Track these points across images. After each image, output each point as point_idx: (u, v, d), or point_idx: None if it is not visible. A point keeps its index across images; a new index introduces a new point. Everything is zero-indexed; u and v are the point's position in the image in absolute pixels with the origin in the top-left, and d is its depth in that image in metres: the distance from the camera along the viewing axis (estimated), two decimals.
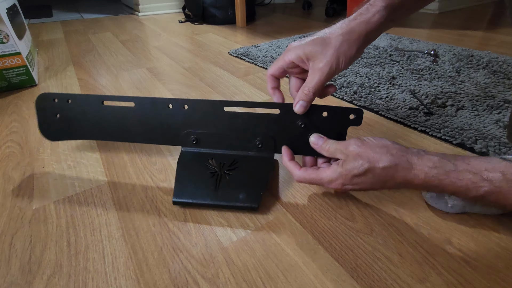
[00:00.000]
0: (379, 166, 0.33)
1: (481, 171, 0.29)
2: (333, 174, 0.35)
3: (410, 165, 0.32)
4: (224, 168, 0.42)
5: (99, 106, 0.43)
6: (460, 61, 0.87)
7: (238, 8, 1.41)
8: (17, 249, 0.35)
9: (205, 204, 0.39)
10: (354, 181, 0.34)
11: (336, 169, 0.35)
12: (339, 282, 0.31)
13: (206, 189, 0.40)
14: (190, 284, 0.31)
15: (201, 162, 0.42)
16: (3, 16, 0.70)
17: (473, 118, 0.58)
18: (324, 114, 0.40)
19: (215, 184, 0.40)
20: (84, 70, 0.91)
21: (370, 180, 0.34)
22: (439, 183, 0.31)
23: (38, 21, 1.61)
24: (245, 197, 0.39)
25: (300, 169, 0.38)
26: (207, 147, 0.43)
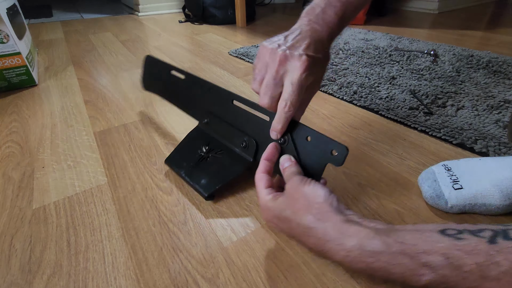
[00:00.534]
0: (296, 221, 0.28)
1: (419, 254, 0.22)
2: (263, 202, 0.31)
3: (327, 237, 0.25)
4: (211, 153, 0.45)
5: (170, 75, 0.53)
6: (460, 61, 0.87)
7: (238, 8, 1.41)
8: (17, 249, 0.35)
9: (179, 174, 0.45)
10: (274, 221, 0.31)
11: (268, 199, 0.31)
12: (339, 282, 0.31)
13: (188, 164, 0.45)
14: (190, 284, 0.31)
15: (200, 142, 0.47)
16: (3, 16, 0.70)
17: (473, 118, 0.58)
18: (308, 138, 0.34)
19: (196, 163, 0.45)
20: (84, 70, 0.91)
21: (286, 229, 0.30)
22: (367, 267, 0.24)
23: (38, 21, 1.61)
24: (204, 183, 0.42)
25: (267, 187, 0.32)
26: (212, 130, 0.47)
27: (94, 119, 0.63)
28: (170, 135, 0.57)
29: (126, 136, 0.57)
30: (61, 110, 0.67)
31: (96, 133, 0.58)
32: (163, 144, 0.54)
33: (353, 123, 0.60)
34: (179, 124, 0.60)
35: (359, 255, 0.24)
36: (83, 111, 0.66)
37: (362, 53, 0.98)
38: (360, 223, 0.26)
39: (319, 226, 0.26)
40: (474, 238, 0.21)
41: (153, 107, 0.67)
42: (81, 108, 0.68)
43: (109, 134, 0.57)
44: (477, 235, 0.21)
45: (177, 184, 0.44)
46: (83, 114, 0.65)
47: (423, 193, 0.40)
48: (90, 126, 0.60)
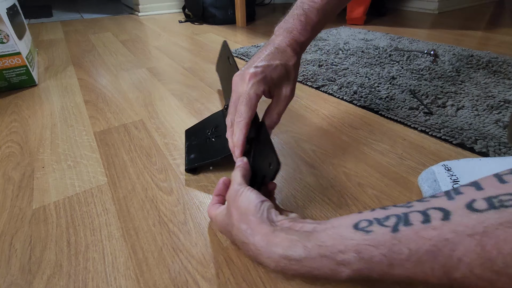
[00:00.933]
0: (234, 234, 0.30)
1: (335, 254, 0.24)
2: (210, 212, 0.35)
3: (257, 250, 0.27)
4: (214, 134, 0.50)
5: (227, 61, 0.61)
6: (460, 61, 0.87)
7: (238, 8, 1.41)
8: (17, 249, 0.35)
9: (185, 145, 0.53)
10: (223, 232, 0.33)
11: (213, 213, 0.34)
12: (339, 282, 0.31)
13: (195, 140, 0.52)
14: (190, 284, 0.31)
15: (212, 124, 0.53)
16: (3, 16, 0.70)
17: (473, 118, 0.58)
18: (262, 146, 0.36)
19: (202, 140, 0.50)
20: (84, 70, 0.91)
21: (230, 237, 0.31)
22: (296, 272, 0.26)
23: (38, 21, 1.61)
24: (191, 158, 0.48)
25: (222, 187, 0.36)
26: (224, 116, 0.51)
27: (94, 119, 0.63)
28: (170, 135, 0.57)
29: (126, 136, 0.57)
30: (61, 110, 0.67)
31: (96, 133, 0.58)
32: (163, 144, 0.54)
33: (353, 123, 0.60)
34: (179, 124, 0.60)
35: (287, 263, 0.25)
36: (83, 111, 0.66)
37: (362, 53, 0.98)
38: (287, 230, 0.27)
39: (250, 241, 0.27)
40: (381, 229, 0.23)
41: (153, 107, 0.67)
42: (81, 108, 0.68)
43: (109, 134, 0.57)
44: (383, 225, 0.23)
45: (177, 184, 0.44)
46: (83, 114, 0.65)
47: (423, 193, 0.40)
48: (90, 126, 0.60)
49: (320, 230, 0.26)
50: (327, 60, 0.91)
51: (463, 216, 0.21)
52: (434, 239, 0.21)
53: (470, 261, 0.20)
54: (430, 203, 0.23)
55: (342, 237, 0.24)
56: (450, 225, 0.21)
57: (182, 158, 0.50)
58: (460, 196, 0.22)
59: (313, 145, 0.53)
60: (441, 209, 0.22)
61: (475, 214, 0.20)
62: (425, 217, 0.22)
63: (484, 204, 0.20)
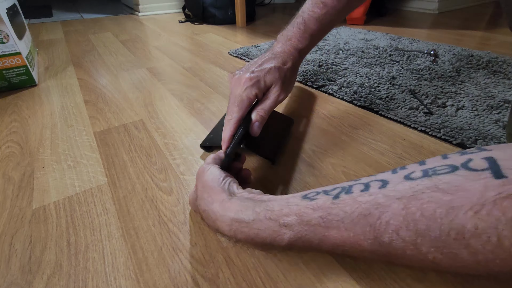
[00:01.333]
0: (199, 206, 0.33)
1: (280, 217, 0.26)
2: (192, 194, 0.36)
3: (215, 215, 0.30)
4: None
5: None
6: (460, 61, 0.87)
7: (238, 8, 1.41)
8: (17, 249, 0.35)
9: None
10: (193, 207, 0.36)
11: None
12: (339, 282, 0.31)
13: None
14: (190, 284, 0.31)
15: None
16: (3, 16, 0.70)
17: (473, 118, 0.58)
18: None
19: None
20: (84, 70, 0.91)
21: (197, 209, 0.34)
22: (246, 236, 0.28)
23: (38, 21, 1.61)
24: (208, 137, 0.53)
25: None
26: None
27: (94, 119, 0.63)
28: (170, 135, 0.57)
29: (126, 136, 0.57)
30: (61, 110, 0.67)
31: (96, 133, 0.58)
32: (163, 144, 0.54)
33: (353, 123, 0.60)
34: (179, 124, 0.60)
35: (238, 226, 0.28)
36: (83, 111, 0.66)
37: (362, 53, 0.98)
38: (242, 199, 0.30)
39: (209, 207, 0.30)
40: (324, 197, 0.25)
41: (153, 107, 0.67)
42: (81, 108, 0.68)
43: (109, 134, 0.57)
44: (328, 194, 0.25)
45: (177, 184, 0.45)
46: (83, 114, 0.65)
47: None
48: (90, 126, 0.60)
49: (272, 199, 0.29)
50: (327, 60, 0.91)
51: (398, 184, 0.22)
52: (367, 203, 0.22)
53: (397, 224, 0.20)
54: (375, 177, 0.25)
55: (289, 203, 0.26)
56: (384, 191, 0.22)
57: (182, 158, 0.50)
58: (402, 170, 0.23)
59: (313, 145, 0.53)
60: (382, 180, 0.23)
61: (409, 181, 0.21)
62: (366, 187, 0.23)
63: (419, 174, 0.22)
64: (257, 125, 0.42)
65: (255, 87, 0.43)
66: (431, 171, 0.21)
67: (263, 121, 0.43)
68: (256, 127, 0.42)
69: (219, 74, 0.85)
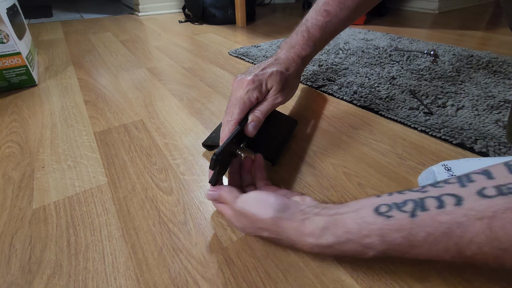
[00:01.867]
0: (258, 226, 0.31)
1: (361, 238, 0.27)
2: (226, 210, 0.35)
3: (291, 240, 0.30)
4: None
5: None
6: (460, 61, 0.87)
7: (238, 8, 1.41)
8: (17, 249, 0.35)
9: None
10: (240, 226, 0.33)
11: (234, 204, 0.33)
12: (339, 282, 0.31)
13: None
14: (190, 284, 0.31)
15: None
16: (3, 16, 0.70)
17: (473, 118, 0.58)
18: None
19: None
20: (84, 70, 0.91)
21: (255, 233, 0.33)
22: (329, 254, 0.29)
23: (38, 21, 1.61)
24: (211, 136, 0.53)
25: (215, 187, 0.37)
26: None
27: (94, 119, 0.63)
28: (170, 135, 0.57)
29: (126, 136, 0.57)
30: (61, 110, 0.67)
31: (96, 133, 0.58)
32: (163, 144, 0.54)
33: (353, 123, 0.60)
34: (179, 124, 0.60)
35: (320, 249, 0.29)
36: (83, 111, 0.66)
37: (362, 53, 0.98)
38: (313, 219, 0.29)
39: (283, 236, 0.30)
40: (400, 214, 0.25)
41: (153, 107, 0.67)
42: (81, 108, 0.68)
43: (109, 134, 0.57)
44: (402, 210, 0.26)
45: (177, 184, 0.45)
46: (83, 114, 0.65)
47: None
48: (90, 126, 0.60)
49: (343, 212, 0.29)
50: (327, 60, 0.91)
51: (474, 202, 0.23)
52: (448, 223, 0.23)
53: (480, 241, 0.22)
54: (444, 189, 0.25)
55: (366, 222, 0.27)
56: (462, 210, 0.23)
57: (182, 158, 0.50)
58: (472, 184, 0.24)
59: (313, 145, 0.53)
60: (454, 195, 0.24)
61: (485, 200, 0.23)
62: (440, 203, 0.24)
63: (493, 191, 0.23)
64: (252, 125, 0.41)
65: (256, 90, 0.43)
66: (506, 190, 0.22)
67: (259, 122, 0.42)
68: (251, 127, 0.41)
69: (219, 74, 0.85)
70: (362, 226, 0.27)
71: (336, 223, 0.28)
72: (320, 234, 0.28)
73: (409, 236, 0.25)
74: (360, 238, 0.27)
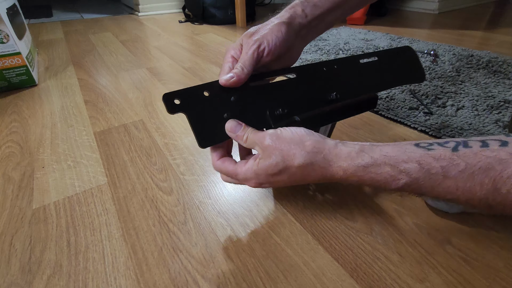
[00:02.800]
0: (294, 165, 0.30)
1: (399, 163, 0.27)
2: (247, 172, 0.32)
3: (327, 162, 0.30)
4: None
5: None
6: (460, 61, 0.87)
7: (238, 8, 1.41)
8: (17, 249, 0.35)
9: None
10: (269, 180, 0.32)
11: (251, 167, 0.32)
12: (339, 282, 0.31)
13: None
14: (190, 284, 0.31)
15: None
16: (3, 16, 0.70)
17: (473, 118, 0.58)
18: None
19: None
20: (84, 70, 0.91)
21: (286, 178, 0.32)
22: (359, 179, 0.29)
23: (38, 21, 1.61)
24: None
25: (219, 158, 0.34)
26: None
27: (94, 119, 0.63)
28: (170, 135, 0.57)
29: (126, 136, 0.57)
30: (61, 110, 0.67)
31: (96, 133, 0.58)
32: (163, 144, 0.54)
33: (353, 123, 0.60)
34: (179, 124, 0.60)
35: (354, 171, 0.29)
36: (83, 111, 0.66)
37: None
38: (346, 144, 0.31)
39: (318, 158, 0.30)
40: (441, 148, 0.26)
41: (153, 107, 0.67)
42: (81, 108, 0.68)
43: (109, 134, 0.57)
44: (444, 146, 0.26)
45: (177, 184, 0.45)
46: (83, 114, 0.65)
47: None
48: (90, 126, 0.60)
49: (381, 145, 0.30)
50: None
51: None
52: (490, 158, 0.24)
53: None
54: (487, 137, 0.26)
55: (406, 150, 0.28)
56: (507, 149, 0.24)
57: (182, 158, 0.50)
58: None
59: None
60: (500, 140, 0.25)
61: None
62: (484, 144, 0.25)
63: None
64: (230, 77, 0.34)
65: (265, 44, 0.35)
66: None
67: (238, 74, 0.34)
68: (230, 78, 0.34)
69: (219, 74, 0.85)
70: (401, 153, 0.27)
71: (373, 149, 0.29)
72: (356, 155, 0.29)
73: (447, 166, 0.25)
74: (398, 163, 0.27)
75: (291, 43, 0.38)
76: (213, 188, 0.44)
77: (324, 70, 0.40)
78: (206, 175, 0.46)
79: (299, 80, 0.38)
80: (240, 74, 0.34)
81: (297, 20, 0.39)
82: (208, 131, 0.33)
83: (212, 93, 0.34)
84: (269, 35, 0.35)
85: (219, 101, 0.34)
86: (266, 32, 0.36)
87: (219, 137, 0.33)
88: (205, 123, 0.33)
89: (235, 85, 0.34)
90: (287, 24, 0.37)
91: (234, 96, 0.34)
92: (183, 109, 0.32)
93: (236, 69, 0.34)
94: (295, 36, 0.38)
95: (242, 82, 0.34)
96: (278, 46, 0.35)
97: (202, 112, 0.33)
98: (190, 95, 0.32)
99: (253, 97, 0.35)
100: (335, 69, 0.41)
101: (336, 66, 0.41)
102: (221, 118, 0.33)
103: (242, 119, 0.34)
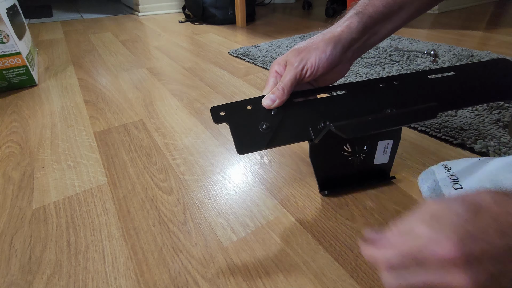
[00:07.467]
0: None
1: None
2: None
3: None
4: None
5: None
6: (460, 61, 0.87)
7: (238, 8, 1.41)
8: (17, 249, 0.35)
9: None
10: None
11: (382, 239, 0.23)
12: (339, 282, 0.31)
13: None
14: (190, 284, 0.31)
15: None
16: (3, 16, 0.70)
17: (473, 118, 0.58)
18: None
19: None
20: (84, 70, 0.91)
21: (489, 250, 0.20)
22: None
23: (38, 21, 1.61)
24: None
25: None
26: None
27: (94, 119, 0.63)
28: (170, 135, 0.57)
29: (126, 136, 0.57)
30: (61, 110, 0.67)
31: (96, 133, 0.58)
32: (163, 144, 0.54)
33: None
34: (179, 124, 0.60)
35: None
36: (83, 111, 0.66)
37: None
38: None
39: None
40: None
41: (153, 107, 0.67)
42: (81, 108, 0.68)
43: (109, 134, 0.57)
44: None
45: (177, 184, 0.45)
46: (83, 114, 0.65)
47: (423, 193, 0.40)
48: (90, 126, 0.60)
49: None
50: None
51: None
52: None
53: None
54: None
55: None
56: None
57: (182, 158, 0.50)
58: None
59: None
60: None
61: None
62: None
63: None
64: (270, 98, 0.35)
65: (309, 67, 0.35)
66: None
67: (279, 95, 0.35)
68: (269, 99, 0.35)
69: (219, 74, 0.85)
70: None
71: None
72: None
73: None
74: None
75: (337, 61, 0.37)
76: (213, 188, 0.44)
77: (380, 87, 0.39)
78: (206, 175, 0.46)
79: (349, 95, 0.39)
80: (281, 96, 0.35)
81: (350, 36, 0.37)
82: (247, 140, 0.35)
83: (254, 106, 0.36)
84: (313, 57, 0.36)
85: (260, 114, 0.36)
86: (311, 53, 0.36)
87: (256, 146, 0.35)
88: (245, 132, 0.35)
89: (277, 106, 0.36)
90: (335, 42, 0.36)
91: (275, 110, 0.36)
92: (227, 120, 0.35)
93: (277, 91, 0.35)
94: (344, 52, 0.37)
95: (283, 103, 0.36)
96: (321, 67, 0.36)
97: (242, 123, 0.35)
98: (234, 108, 0.35)
99: (295, 111, 0.37)
100: (395, 85, 0.40)
101: (396, 82, 0.40)
102: (259, 128, 0.36)
103: (281, 129, 0.36)
